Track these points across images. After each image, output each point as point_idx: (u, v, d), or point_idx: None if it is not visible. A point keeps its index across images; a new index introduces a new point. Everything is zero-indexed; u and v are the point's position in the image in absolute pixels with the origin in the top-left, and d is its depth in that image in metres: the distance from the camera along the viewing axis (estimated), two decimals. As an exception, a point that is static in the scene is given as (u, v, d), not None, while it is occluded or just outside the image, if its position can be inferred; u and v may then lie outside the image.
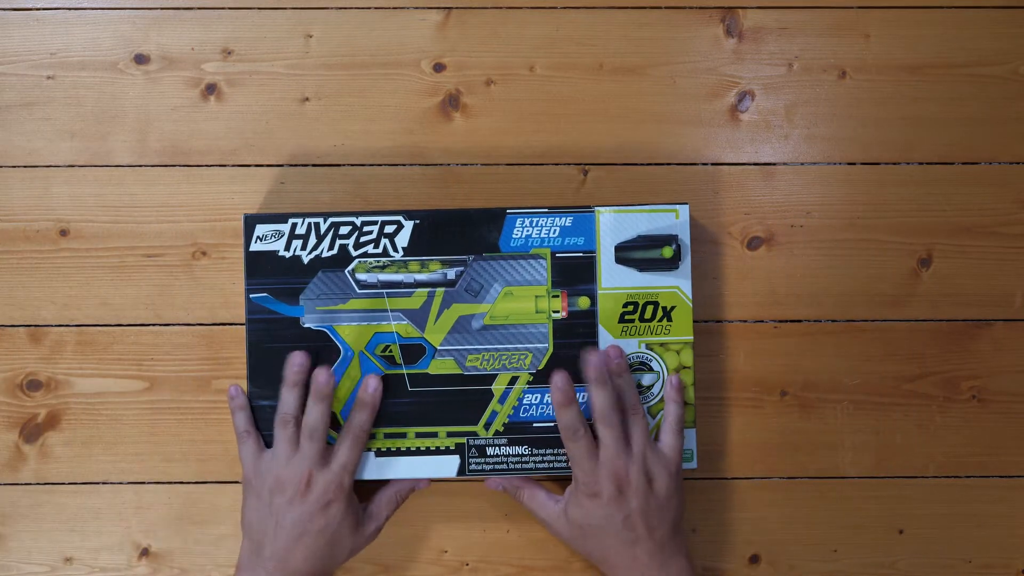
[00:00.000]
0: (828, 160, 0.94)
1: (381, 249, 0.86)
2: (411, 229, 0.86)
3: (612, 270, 0.86)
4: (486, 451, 0.87)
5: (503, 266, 0.86)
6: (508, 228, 0.86)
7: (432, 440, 0.87)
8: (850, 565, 0.95)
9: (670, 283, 0.87)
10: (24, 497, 0.94)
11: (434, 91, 0.93)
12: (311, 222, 0.86)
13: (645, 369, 0.87)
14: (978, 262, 0.94)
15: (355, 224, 0.86)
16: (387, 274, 0.86)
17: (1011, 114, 0.94)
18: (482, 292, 0.86)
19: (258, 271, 0.86)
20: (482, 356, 0.86)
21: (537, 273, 0.86)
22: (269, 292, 0.86)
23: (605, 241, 0.86)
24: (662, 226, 0.86)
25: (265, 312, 0.86)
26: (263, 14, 0.93)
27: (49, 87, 0.93)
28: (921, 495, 0.95)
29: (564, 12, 0.93)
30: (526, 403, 0.87)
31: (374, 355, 0.86)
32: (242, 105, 0.93)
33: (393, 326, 0.86)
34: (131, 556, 0.94)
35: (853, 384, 0.95)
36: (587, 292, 0.86)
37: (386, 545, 0.94)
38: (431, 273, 0.85)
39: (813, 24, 0.94)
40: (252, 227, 0.86)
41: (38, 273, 0.93)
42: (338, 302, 0.86)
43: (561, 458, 0.88)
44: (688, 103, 0.94)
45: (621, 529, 0.84)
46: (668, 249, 0.86)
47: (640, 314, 0.86)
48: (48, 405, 0.94)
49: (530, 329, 0.86)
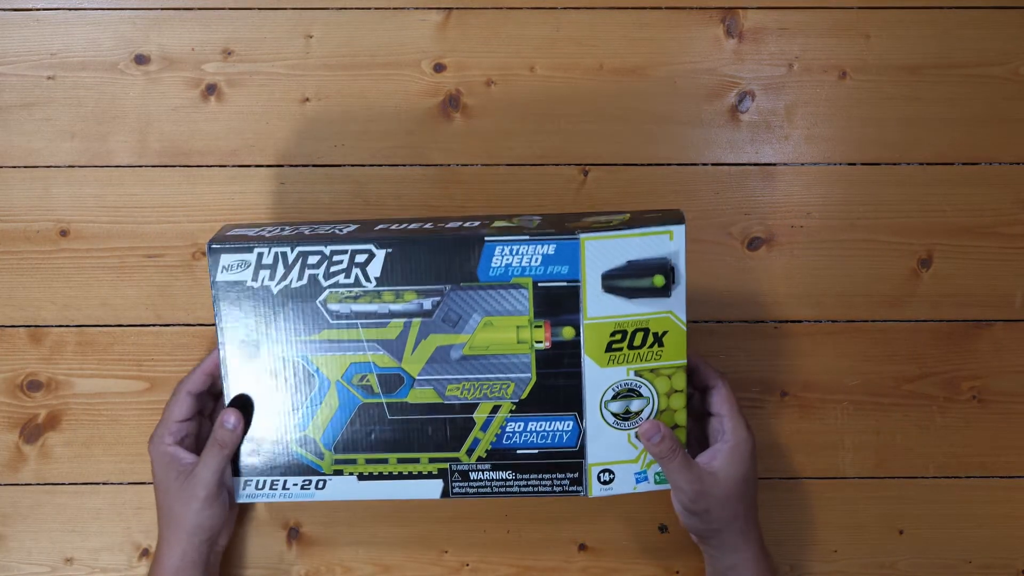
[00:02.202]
0: (828, 160, 0.94)
1: (352, 279, 0.81)
2: (383, 258, 0.81)
3: (599, 299, 0.81)
4: (469, 476, 0.85)
5: (482, 296, 0.81)
6: (486, 256, 0.80)
7: (414, 465, 0.85)
8: (850, 565, 0.95)
9: (662, 308, 0.81)
10: (24, 497, 0.94)
11: (434, 91, 0.93)
12: (277, 251, 0.81)
13: (634, 396, 0.83)
14: (978, 262, 0.94)
15: (324, 254, 0.81)
16: (360, 304, 0.82)
17: (1011, 114, 0.94)
18: (460, 322, 0.81)
19: (227, 301, 0.82)
20: (462, 385, 0.83)
21: (518, 303, 0.81)
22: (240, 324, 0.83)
23: (591, 269, 0.80)
24: (654, 251, 0.80)
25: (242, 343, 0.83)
26: (263, 14, 0.93)
27: (49, 87, 0.93)
28: (921, 495, 0.95)
29: (564, 12, 0.93)
30: (509, 431, 0.84)
31: (351, 384, 0.83)
32: (242, 105, 0.93)
33: (369, 356, 0.83)
34: (131, 556, 0.94)
35: (853, 384, 0.95)
36: (571, 322, 0.81)
37: (386, 545, 0.94)
38: (406, 303, 0.81)
39: (813, 24, 0.94)
40: (218, 257, 0.81)
41: (38, 273, 0.93)
42: (311, 333, 0.82)
43: (546, 481, 0.85)
44: (688, 103, 0.94)
45: (756, 491, 0.86)
46: (659, 278, 0.80)
47: (629, 342, 0.81)
48: (48, 405, 0.94)
49: (512, 359, 0.82)
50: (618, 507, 0.94)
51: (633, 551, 0.95)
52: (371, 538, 0.94)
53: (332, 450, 0.85)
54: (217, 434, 0.83)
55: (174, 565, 0.85)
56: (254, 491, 0.86)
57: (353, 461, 0.85)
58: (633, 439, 0.84)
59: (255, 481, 0.85)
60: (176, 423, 0.85)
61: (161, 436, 0.85)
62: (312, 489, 0.85)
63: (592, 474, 0.85)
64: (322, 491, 0.85)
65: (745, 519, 0.85)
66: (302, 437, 0.84)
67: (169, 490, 0.85)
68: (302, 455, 0.85)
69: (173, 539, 0.85)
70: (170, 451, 0.85)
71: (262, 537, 0.94)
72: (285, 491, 0.85)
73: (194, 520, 0.84)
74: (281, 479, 0.85)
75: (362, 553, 0.94)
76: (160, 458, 0.85)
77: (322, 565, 0.94)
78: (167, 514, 0.85)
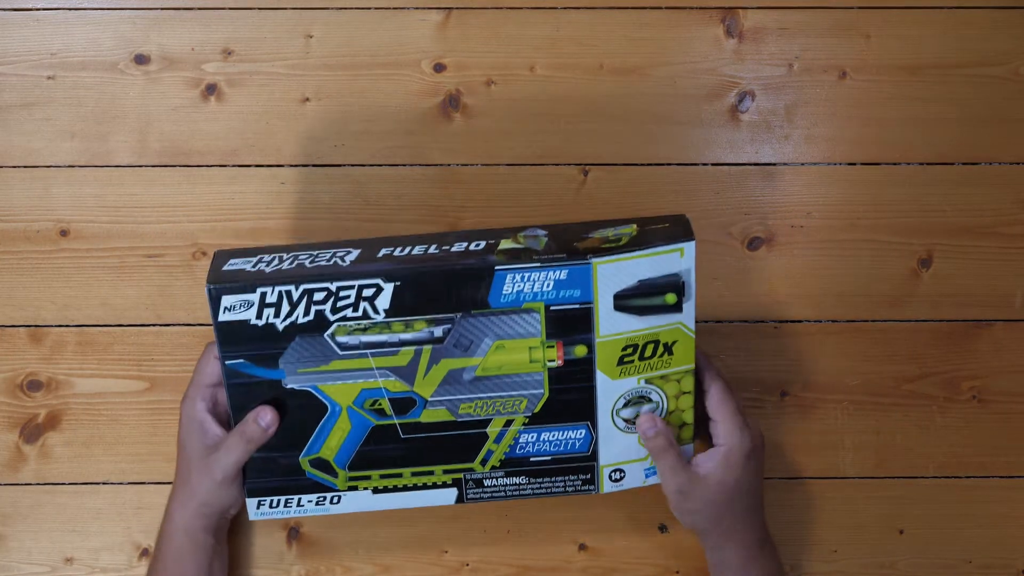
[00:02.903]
0: (828, 160, 0.94)
1: (361, 312, 0.79)
2: (391, 291, 0.78)
3: (610, 317, 0.80)
4: (483, 483, 0.85)
5: (493, 321, 0.79)
6: (497, 284, 0.78)
7: (429, 477, 0.84)
8: (850, 565, 0.95)
9: (672, 321, 0.81)
10: (24, 497, 0.94)
11: (434, 91, 0.93)
12: (282, 291, 0.78)
13: (644, 401, 0.83)
14: (978, 262, 0.94)
15: (330, 290, 0.78)
16: (369, 335, 0.79)
17: (1011, 114, 0.94)
18: (472, 347, 0.80)
19: (231, 340, 0.79)
20: (475, 404, 0.82)
21: (530, 327, 0.80)
22: (245, 358, 0.80)
23: (603, 291, 0.79)
24: (665, 269, 0.79)
25: (244, 377, 0.80)
26: (263, 14, 0.93)
27: (49, 87, 0.93)
28: (921, 495, 0.95)
29: (564, 12, 0.93)
30: (522, 441, 0.83)
31: (363, 408, 0.82)
32: (242, 105, 0.93)
33: (380, 383, 0.81)
34: (131, 556, 0.94)
35: (853, 384, 0.95)
36: (584, 341, 0.80)
37: (386, 545, 0.94)
38: (416, 332, 0.79)
39: (813, 24, 0.93)
40: (219, 298, 0.78)
41: (38, 273, 0.93)
42: (320, 364, 0.80)
43: (559, 483, 0.85)
44: (688, 103, 0.94)
45: (757, 490, 0.85)
46: (671, 296, 0.79)
47: (640, 354, 0.81)
48: (48, 405, 0.94)
49: (524, 377, 0.81)
50: (618, 507, 0.94)
51: (633, 551, 0.95)
52: (371, 538, 0.94)
53: (346, 469, 0.84)
54: (248, 427, 0.81)
55: (185, 524, 0.85)
56: (268, 510, 0.85)
57: (368, 477, 0.84)
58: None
59: (269, 500, 0.84)
60: (207, 387, 0.84)
61: (194, 399, 0.84)
62: (327, 504, 0.85)
63: (604, 474, 0.85)
64: (337, 505, 0.85)
65: (734, 520, 0.85)
66: (315, 459, 0.83)
67: (191, 457, 0.84)
68: (316, 475, 0.84)
69: (186, 499, 0.85)
70: (200, 418, 0.84)
71: (262, 537, 0.94)
72: (300, 508, 0.85)
73: (206, 496, 0.84)
74: (295, 498, 0.85)
75: (362, 553, 0.94)
76: (189, 422, 0.84)
77: (322, 565, 0.94)
78: (184, 476, 0.85)
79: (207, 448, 0.83)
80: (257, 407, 0.81)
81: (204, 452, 0.83)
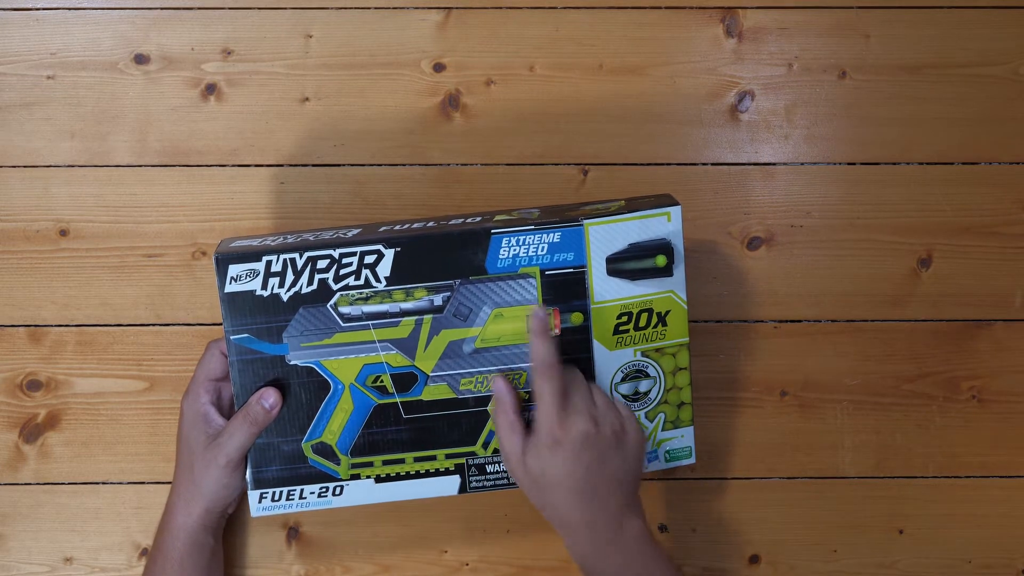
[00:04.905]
0: (828, 160, 0.94)
1: (363, 280, 0.81)
2: (392, 257, 0.81)
3: (604, 283, 0.83)
4: (486, 469, 0.85)
5: (491, 288, 0.82)
6: (494, 249, 0.82)
7: (431, 463, 0.85)
8: (850, 565, 0.95)
9: (664, 288, 0.84)
10: (24, 497, 0.94)
11: (434, 91, 0.93)
12: (286, 258, 0.81)
13: (642, 376, 0.85)
14: (978, 262, 0.94)
15: (333, 257, 0.81)
16: (371, 305, 0.82)
17: (1011, 114, 0.94)
18: (471, 316, 0.82)
19: (236, 312, 0.82)
20: (475, 379, 0.84)
21: (527, 292, 0.82)
22: (250, 332, 0.82)
23: (596, 254, 0.82)
24: (654, 232, 0.82)
25: (249, 353, 0.82)
26: (263, 14, 0.93)
27: (49, 87, 0.93)
28: (921, 495, 0.95)
29: (564, 12, 0.93)
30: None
31: (365, 386, 0.83)
32: (242, 105, 0.93)
33: (382, 356, 0.83)
34: (131, 556, 0.94)
35: (853, 384, 0.95)
36: (580, 308, 0.83)
37: (386, 545, 0.94)
38: (417, 301, 0.82)
39: (813, 24, 0.94)
40: (225, 268, 0.81)
41: (38, 273, 0.93)
42: (323, 337, 0.82)
43: None
44: (688, 103, 0.94)
45: (583, 484, 0.79)
46: (662, 258, 0.83)
47: (635, 323, 0.84)
48: (48, 405, 0.94)
49: (523, 349, 0.83)
50: (618, 507, 0.94)
51: (633, 551, 0.95)
52: (371, 538, 0.94)
53: (348, 455, 0.84)
54: (252, 409, 0.82)
55: (186, 524, 0.85)
56: (270, 503, 0.85)
57: (370, 464, 0.85)
58: (643, 419, 0.85)
59: (271, 493, 0.85)
60: (210, 381, 0.85)
61: (196, 393, 0.85)
62: (329, 496, 0.85)
63: None
64: (339, 497, 0.85)
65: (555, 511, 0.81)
66: (317, 444, 0.84)
67: (194, 450, 0.84)
68: (318, 462, 0.84)
69: (189, 497, 0.85)
70: (203, 410, 0.84)
71: (262, 537, 0.94)
72: (302, 500, 0.85)
73: (211, 487, 0.84)
74: (297, 488, 0.85)
75: (362, 553, 0.94)
76: (192, 416, 0.84)
77: (322, 565, 0.94)
78: (186, 472, 0.85)
79: (210, 438, 0.84)
80: (260, 389, 0.83)
81: (207, 442, 0.84)
